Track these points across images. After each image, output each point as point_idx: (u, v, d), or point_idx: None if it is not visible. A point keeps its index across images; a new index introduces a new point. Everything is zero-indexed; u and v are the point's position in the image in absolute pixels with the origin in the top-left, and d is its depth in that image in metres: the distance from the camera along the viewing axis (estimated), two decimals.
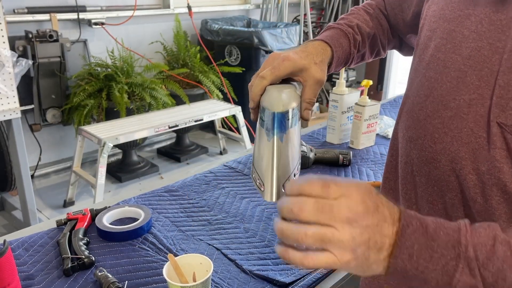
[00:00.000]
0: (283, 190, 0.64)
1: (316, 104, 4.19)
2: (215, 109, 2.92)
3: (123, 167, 2.91)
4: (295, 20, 4.31)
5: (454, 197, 0.60)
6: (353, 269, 0.48)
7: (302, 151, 1.29)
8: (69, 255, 0.84)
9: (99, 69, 2.84)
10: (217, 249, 0.92)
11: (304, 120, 0.71)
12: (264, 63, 0.70)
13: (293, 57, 0.68)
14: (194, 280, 0.75)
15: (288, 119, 0.66)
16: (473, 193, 0.58)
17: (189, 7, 3.34)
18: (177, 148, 3.26)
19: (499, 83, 0.54)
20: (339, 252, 0.46)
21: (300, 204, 0.47)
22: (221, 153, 3.30)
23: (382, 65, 4.61)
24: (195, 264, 0.77)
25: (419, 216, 0.49)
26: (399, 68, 4.73)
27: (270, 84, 0.69)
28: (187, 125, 2.72)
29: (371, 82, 1.43)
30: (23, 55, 2.49)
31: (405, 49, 0.95)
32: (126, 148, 2.85)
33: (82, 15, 2.84)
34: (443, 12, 0.65)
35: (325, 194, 0.47)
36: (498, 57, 0.56)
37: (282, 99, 0.67)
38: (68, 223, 0.97)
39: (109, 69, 2.82)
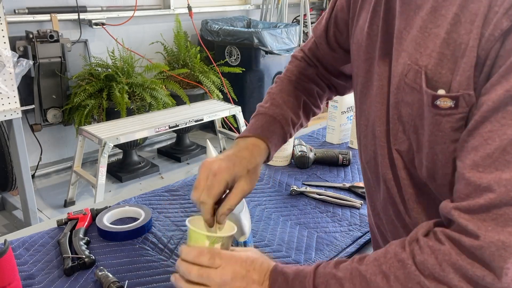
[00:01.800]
0: None
1: None
2: (215, 109, 2.93)
3: (124, 167, 2.92)
4: (295, 20, 4.32)
5: (394, 209, 0.69)
6: None
7: (301, 151, 1.29)
8: (70, 255, 0.85)
9: (99, 69, 2.84)
10: None
11: (218, 224, 0.71)
12: (199, 175, 0.70)
13: (224, 169, 0.70)
14: None
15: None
16: (403, 207, 0.67)
17: (189, 8, 3.35)
18: (178, 148, 3.27)
19: (389, 117, 0.64)
20: None
21: (188, 269, 0.64)
22: (221, 153, 3.30)
23: None
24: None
25: (285, 270, 0.63)
26: None
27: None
28: (187, 125, 2.73)
29: None
30: (24, 55, 2.50)
31: (340, 90, 0.96)
32: (127, 148, 2.86)
33: (83, 16, 2.85)
34: (359, 53, 0.72)
35: (210, 263, 0.63)
36: None
37: (243, 228, 0.78)
38: (69, 222, 0.97)
39: (110, 69, 2.82)
